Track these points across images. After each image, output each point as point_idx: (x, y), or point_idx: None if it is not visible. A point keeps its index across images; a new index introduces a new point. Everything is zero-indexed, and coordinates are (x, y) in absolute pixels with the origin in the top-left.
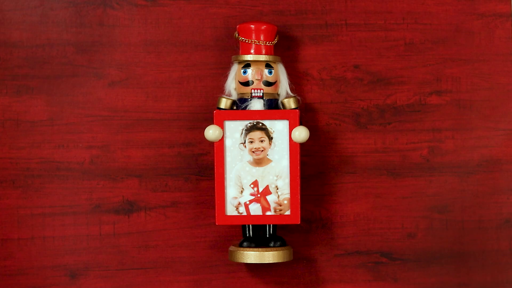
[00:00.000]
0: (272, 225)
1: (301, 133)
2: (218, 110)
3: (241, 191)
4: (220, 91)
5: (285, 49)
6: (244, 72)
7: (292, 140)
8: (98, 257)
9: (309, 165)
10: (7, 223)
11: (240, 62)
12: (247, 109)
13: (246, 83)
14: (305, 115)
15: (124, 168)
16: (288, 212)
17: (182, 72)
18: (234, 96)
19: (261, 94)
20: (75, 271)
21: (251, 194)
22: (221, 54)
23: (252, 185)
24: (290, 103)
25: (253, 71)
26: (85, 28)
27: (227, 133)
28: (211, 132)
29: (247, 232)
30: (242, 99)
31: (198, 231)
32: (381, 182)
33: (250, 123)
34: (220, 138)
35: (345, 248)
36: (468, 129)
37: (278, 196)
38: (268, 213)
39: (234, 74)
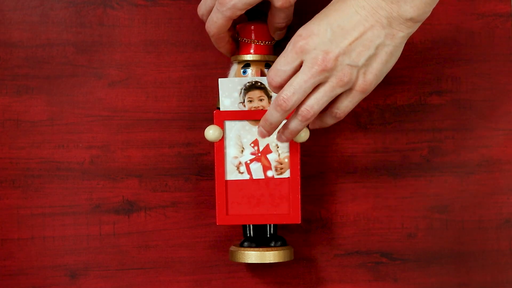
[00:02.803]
0: (273, 224)
1: (302, 133)
2: (218, 110)
3: (242, 151)
4: None
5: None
6: (244, 72)
7: (292, 140)
8: (98, 257)
9: (309, 165)
10: (7, 223)
11: (239, 62)
12: None
13: None
14: None
15: (124, 168)
16: (288, 172)
17: (182, 72)
18: None
19: None
20: (75, 271)
21: (252, 153)
22: (221, 54)
23: (252, 144)
24: None
25: (253, 71)
26: (85, 28)
27: (225, 93)
28: (211, 133)
29: (248, 232)
30: None
31: (198, 231)
32: (381, 182)
33: (249, 82)
34: (220, 138)
35: (345, 248)
36: (468, 129)
37: (279, 155)
38: (269, 172)
39: (234, 74)
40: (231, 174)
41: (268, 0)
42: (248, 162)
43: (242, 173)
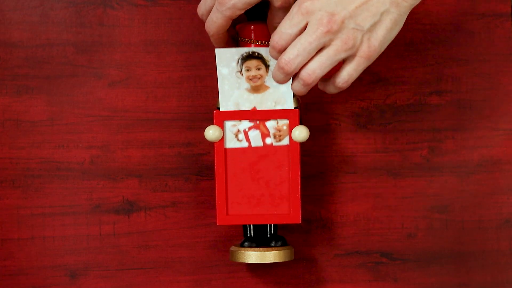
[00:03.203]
0: (273, 224)
1: (301, 133)
2: (218, 110)
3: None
4: None
5: None
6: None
7: (293, 140)
8: (98, 257)
9: (309, 165)
10: (7, 223)
11: None
12: None
13: None
14: (305, 115)
15: (124, 168)
16: (287, 139)
17: (182, 72)
18: None
19: None
20: (75, 271)
21: (250, 121)
22: None
23: None
24: None
25: None
26: (85, 28)
27: (223, 62)
28: (211, 133)
29: (248, 232)
30: None
31: (198, 231)
32: (381, 182)
33: (246, 52)
34: (220, 138)
35: (345, 248)
36: (468, 129)
37: (277, 122)
38: (267, 139)
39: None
40: (230, 142)
41: (267, 0)
42: (247, 129)
43: (240, 140)
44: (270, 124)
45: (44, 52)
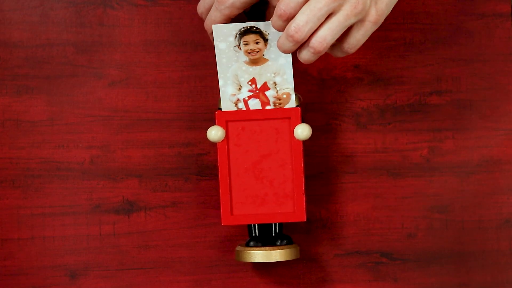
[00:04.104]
0: (278, 223)
1: (304, 131)
2: (219, 110)
3: (239, 88)
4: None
5: None
6: None
7: (295, 138)
8: (98, 257)
9: (309, 165)
10: (7, 223)
11: None
12: None
13: None
14: (305, 115)
15: (124, 168)
16: (287, 107)
17: (182, 72)
18: None
19: None
20: (75, 271)
21: (250, 91)
22: None
23: (249, 82)
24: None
25: None
26: (85, 28)
27: (220, 38)
28: (214, 133)
29: (253, 232)
30: None
31: (198, 231)
32: (381, 182)
33: (243, 27)
34: (223, 139)
35: (345, 248)
36: (468, 129)
37: (277, 91)
38: (268, 107)
39: None
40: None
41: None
42: (246, 98)
43: (240, 109)
44: (270, 93)
45: (44, 52)
